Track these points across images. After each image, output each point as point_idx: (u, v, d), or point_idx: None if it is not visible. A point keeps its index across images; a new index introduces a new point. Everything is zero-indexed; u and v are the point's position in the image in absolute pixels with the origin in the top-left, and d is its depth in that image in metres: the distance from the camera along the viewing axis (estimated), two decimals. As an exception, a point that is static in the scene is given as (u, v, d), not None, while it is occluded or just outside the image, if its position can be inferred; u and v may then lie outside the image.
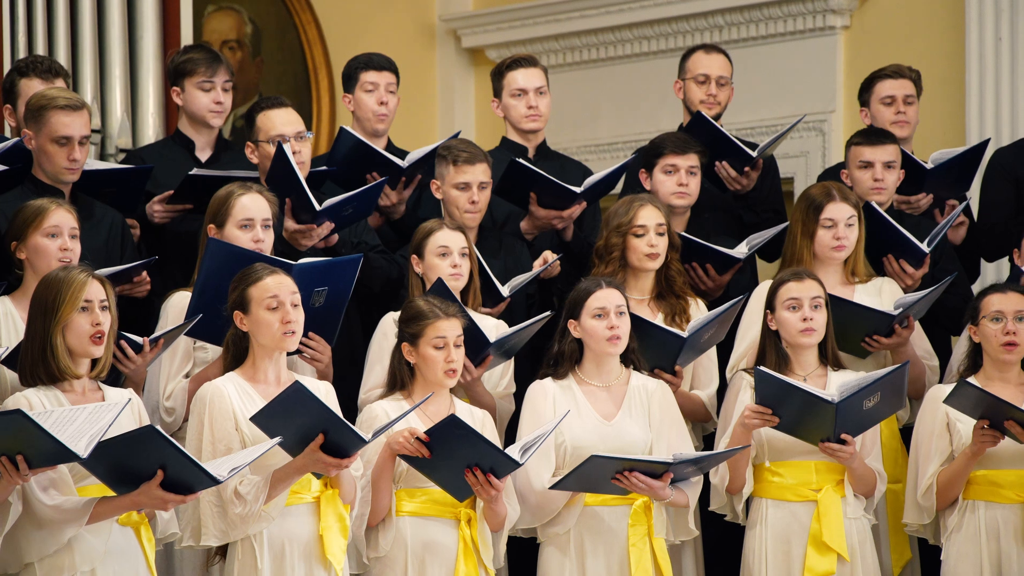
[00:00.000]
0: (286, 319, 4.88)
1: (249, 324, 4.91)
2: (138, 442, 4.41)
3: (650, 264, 5.66)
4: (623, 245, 5.67)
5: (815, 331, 5.33)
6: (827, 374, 5.37)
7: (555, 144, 7.00)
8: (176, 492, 4.48)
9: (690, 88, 6.47)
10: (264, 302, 4.88)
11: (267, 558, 4.82)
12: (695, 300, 5.79)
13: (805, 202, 5.73)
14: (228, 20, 8.36)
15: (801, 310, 5.33)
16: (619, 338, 5.27)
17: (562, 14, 8.40)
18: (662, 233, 5.67)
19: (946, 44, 7.46)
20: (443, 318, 5.09)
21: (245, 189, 5.42)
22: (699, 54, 6.49)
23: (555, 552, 5.25)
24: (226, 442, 4.81)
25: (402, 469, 5.05)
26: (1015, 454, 5.26)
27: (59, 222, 5.18)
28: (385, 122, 6.39)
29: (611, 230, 5.68)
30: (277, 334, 4.88)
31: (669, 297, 5.72)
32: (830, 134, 7.73)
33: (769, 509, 5.31)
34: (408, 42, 8.68)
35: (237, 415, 4.83)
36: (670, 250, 5.72)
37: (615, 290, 5.31)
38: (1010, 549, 5.25)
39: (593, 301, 5.28)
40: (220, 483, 4.52)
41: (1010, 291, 5.36)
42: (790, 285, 5.35)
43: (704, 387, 5.71)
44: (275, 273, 4.93)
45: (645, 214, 5.66)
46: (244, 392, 4.88)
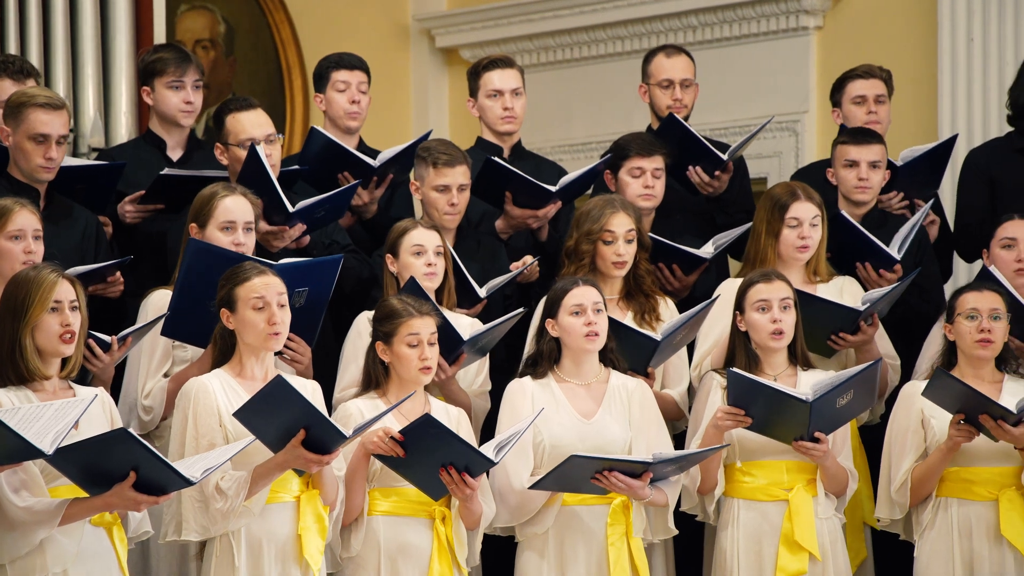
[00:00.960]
0: (272, 320, 4.88)
1: (235, 323, 4.92)
2: (110, 443, 4.40)
3: (617, 272, 5.68)
4: (593, 252, 5.68)
5: (784, 333, 5.34)
6: (797, 373, 5.38)
7: (529, 144, 7.00)
8: (149, 493, 4.47)
9: (655, 93, 6.48)
10: (250, 302, 4.89)
11: (244, 556, 4.82)
12: (664, 299, 5.79)
13: (770, 201, 5.74)
14: (201, 19, 8.35)
15: (771, 311, 5.33)
16: (597, 334, 5.27)
17: (536, 14, 8.40)
18: (631, 240, 5.68)
19: (918, 44, 7.48)
20: (416, 316, 5.09)
21: (229, 191, 5.42)
22: (661, 58, 6.48)
23: (533, 553, 5.25)
24: (209, 438, 4.81)
25: (376, 468, 5.05)
26: (989, 451, 5.28)
27: (23, 225, 5.16)
28: (357, 120, 6.39)
29: (582, 234, 5.68)
30: (262, 334, 4.89)
31: (638, 296, 5.73)
32: (803, 134, 7.75)
33: (741, 509, 5.32)
34: (382, 42, 8.67)
35: (221, 411, 4.83)
36: (639, 250, 5.72)
37: (592, 288, 5.32)
38: (982, 547, 5.27)
39: (570, 299, 5.29)
40: (193, 484, 4.50)
41: (985, 290, 5.37)
42: (759, 287, 5.36)
43: (675, 386, 5.71)
44: (263, 273, 4.94)
45: (616, 221, 5.66)
46: (230, 388, 4.88)
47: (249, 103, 5.89)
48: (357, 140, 6.43)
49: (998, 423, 5.12)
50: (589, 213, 5.70)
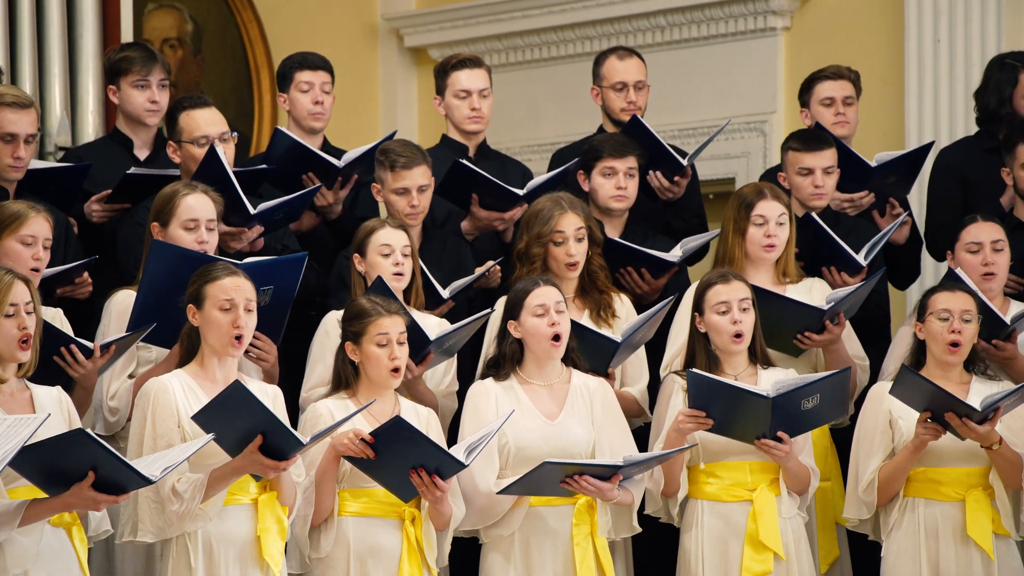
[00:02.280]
0: (236, 323, 4.86)
1: (200, 320, 4.90)
2: (68, 444, 4.38)
3: (570, 273, 5.67)
4: (544, 254, 5.66)
5: (744, 335, 5.34)
6: (757, 372, 5.38)
7: (498, 143, 7.00)
8: (108, 492, 4.45)
9: (608, 96, 6.48)
10: (218, 301, 4.87)
11: (201, 558, 4.80)
12: (618, 295, 5.79)
13: (737, 200, 5.75)
14: (168, 18, 8.32)
15: (731, 313, 5.33)
16: (560, 335, 5.26)
17: (504, 14, 8.40)
18: (581, 239, 5.67)
19: (885, 45, 7.50)
20: (385, 315, 5.08)
21: (191, 189, 5.40)
22: (613, 60, 6.48)
23: (498, 555, 5.25)
24: (167, 438, 4.79)
25: (346, 469, 5.04)
26: (955, 452, 5.29)
27: (36, 231, 5.15)
28: (321, 121, 6.37)
29: (532, 237, 5.67)
30: (225, 337, 4.87)
31: (592, 293, 5.72)
32: (771, 135, 7.76)
33: (705, 511, 5.32)
34: (350, 41, 8.66)
35: (180, 412, 4.82)
36: (592, 246, 5.71)
37: (553, 287, 5.32)
38: (949, 547, 5.28)
39: (533, 299, 5.28)
40: (152, 483, 4.49)
41: (958, 290, 5.38)
42: (718, 288, 5.35)
43: (634, 383, 5.71)
44: (234, 275, 4.92)
45: (565, 221, 5.65)
46: (190, 389, 4.86)
47: (203, 101, 5.87)
48: (321, 140, 6.41)
49: (963, 421, 5.14)
50: (538, 214, 5.68)
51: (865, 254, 5.86)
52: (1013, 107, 6.36)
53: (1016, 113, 6.35)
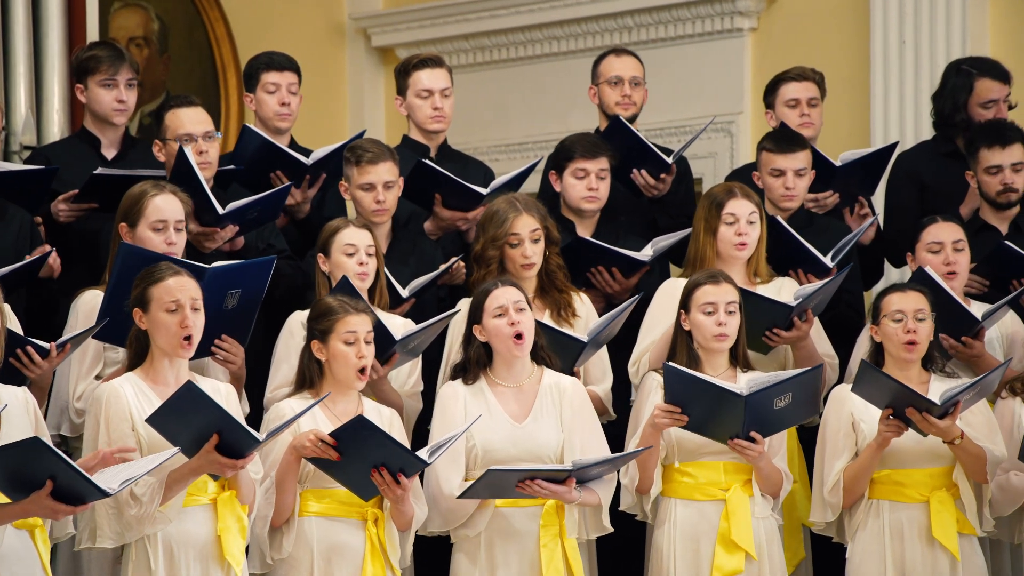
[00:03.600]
0: (184, 323, 4.83)
1: (148, 323, 4.87)
2: (24, 452, 4.34)
3: (526, 274, 5.66)
4: (500, 256, 5.67)
5: (728, 336, 5.36)
6: (737, 375, 5.38)
7: (465, 144, 7.00)
8: (67, 502, 4.41)
9: (604, 92, 6.49)
10: (163, 304, 4.84)
11: (161, 560, 4.79)
12: (577, 294, 5.79)
13: (707, 200, 5.76)
14: (135, 17, 8.29)
15: (716, 314, 5.35)
16: (522, 334, 5.26)
17: (472, 14, 8.40)
18: (537, 240, 5.67)
19: (851, 46, 7.53)
20: (353, 313, 5.07)
21: (159, 189, 5.38)
22: (610, 58, 6.51)
23: (464, 557, 5.25)
24: (122, 443, 4.75)
25: (308, 470, 5.03)
26: (919, 454, 5.32)
27: None
28: (287, 122, 6.36)
29: (487, 240, 5.65)
30: (174, 338, 4.83)
31: (552, 292, 5.72)
32: (738, 135, 7.78)
33: (678, 508, 5.33)
34: (317, 40, 8.64)
35: (134, 416, 4.79)
36: (549, 246, 5.71)
37: (512, 287, 5.30)
38: (913, 549, 5.30)
39: (492, 301, 5.27)
40: (110, 495, 4.45)
41: (910, 290, 5.41)
42: (707, 288, 5.36)
43: (598, 382, 5.71)
44: (178, 275, 4.88)
45: (520, 223, 5.64)
46: (141, 393, 4.83)
47: (189, 100, 5.87)
48: (288, 139, 6.40)
49: (924, 416, 5.17)
50: (493, 217, 5.67)
51: (832, 256, 5.89)
52: (967, 113, 6.41)
53: (970, 119, 6.39)
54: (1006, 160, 6.07)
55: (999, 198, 6.11)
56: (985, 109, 6.38)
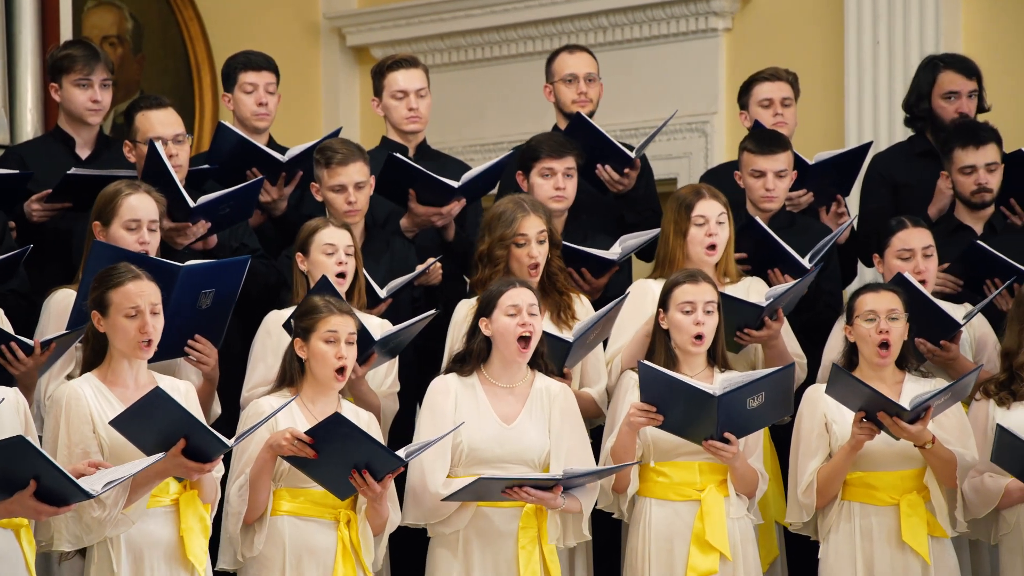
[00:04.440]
0: (143, 328, 4.80)
1: (106, 327, 4.84)
2: (9, 451, 4.33)
3: (532, 274, 5.66)
4: (507, 256, 5.67)
5: (705, 337, 5.36)
6: (714, 375, 5.39)
7: (441, 143, 6.99)
8: (51, 503, 4.39)
9: (560, 90, 6.49)
10: (123, 308, 4.81)
11: (124, 562, 4.77)
12: (578, 296, 5.80)
13: (676, 202, 5.77)
14: (108, 16, 8.26)
15: (695, 314, 5.36)
16: (529, 338, 5.26)
17: (447, 13, 8.40)
18: (543, 241, 5.68)
19: (825, 47, 7.55)
20: (336, 314, 5.07)
21: (133, 188, 5.36)
22: (563, 55, 6.51)
23: (445, 551, 5.25)
24: (83, 445, 4.74)
25: (283, 468, 5.02)
26: (890, 456, 5.33)
27: None
28: (265, 121, 6.35)
29: (494, 239, 5.66)
30: (132, 343, 4.81)
31: (553, 295, 5.73)
32: (713, 135, 7.80)
33: (653, 508, 5.34)
34: (292, 40, 8.63)
35: (94, 417, 4.77)
36: (551, 248, 5.73)
37: (527, 290, 5.32)
38: (884, 551, 5.31)
39: (507, 299, 5.27)
40: (93, 497, 4.43)
41: (883, 290, 5.42)
42: (685, 287, 5.37)
43: (593, 384, 5.72)
44: (138, 279, 4.84)
45: (528, 224, 5.65)
46: (101, 394, 4.81)
47: (159, 102, 5.85)
48: (267, 139, 6.39)
49: (895, 420, 5.18)
50: (500, 217, 5.68)
51: (810, 257, 5.90)
52: (931, 105, 6.43)
53: (933, 111, 6.42)
54: (980, 160, 6.09)
55: (973, 198, 6.13)
56: (947, 101, 6.41)
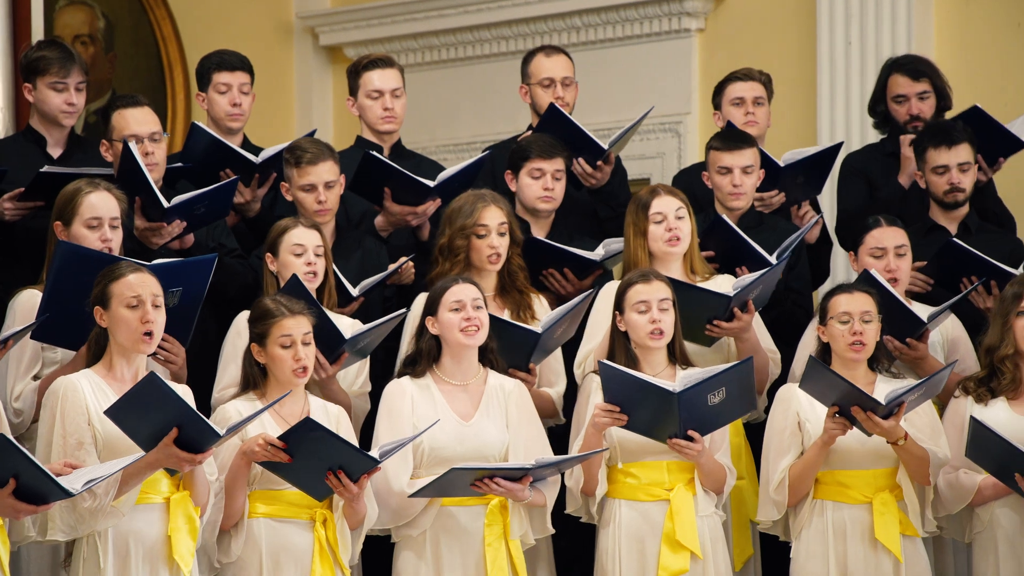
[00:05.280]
0: (145, 318, 4.82)
1: (108, 320, 4.85)
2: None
3: (491, 266, 5.68)
4: (468, 247, 5.68)
5: (664, 333, 5.38)
6: (676, 372, 5.41)
7: (414, 143, 6.99)
8: (30, 502, 4.39)
9: (536, 94, 6.51)
10: (125, 299, 4.83)
11: (111, 558, 4.77)
12: (537, 296, 5.81)
13: (634, 205, 5.79)
14: (80, 14, 8.24)
15: (650, 312, 5.37)
16: (477, 327, 5.28)
17: (420, 13, 8.39)
18: (504, 233, 5.69)
19: (798, 47, 7.57)
20: (288, 316, 5.06)
21: (93, 187, 5.36)
22: (540, 58, 6.52)
23: (411, 555, 5.25)
24: (77, 436, 4.75)
25: (256, 472, 5.02)
26: (862, 455, 5.35)
27: None
28: (239, 122, 6.35)
29: (455, 230, 5.68)
30: (135, 334, 4.82)
31: (512, 292, 5.74)
32: (686, 135, 7.81)
33: (622, 509, 5.35)
34: (265, 39, 8.61)
35: (90, 410, 4.77)
36: (512, 246, 5.74)
37: (471, 284, 5.34)
38: (856, 549, 5.33)
39: (450, 295, 5.30)
40: (73, 495, 4.43)
41: (856, 291, 5.44)
42: (638, 287, 5.39)
43: (552, 385, 5.73)
44: (139, 271, 4.88)
45: (488, 215, 5.67)
46: (99, 389, 4.82)
47: (136, 100, 5.85)
48: (241, 139, 6.39)
49: (868, 415, 5.21)
50: (461, 209, 5.70)
51: (777, 254, 5.92)
52: (886, 106, 6.49)
53: (888, 112, 6.46)
54: (952, 160, 6.12)
55: (946, 198, 6.16)
56: (897, 104, 6.47)
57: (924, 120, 6.40)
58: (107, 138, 5.80)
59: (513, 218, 5.77)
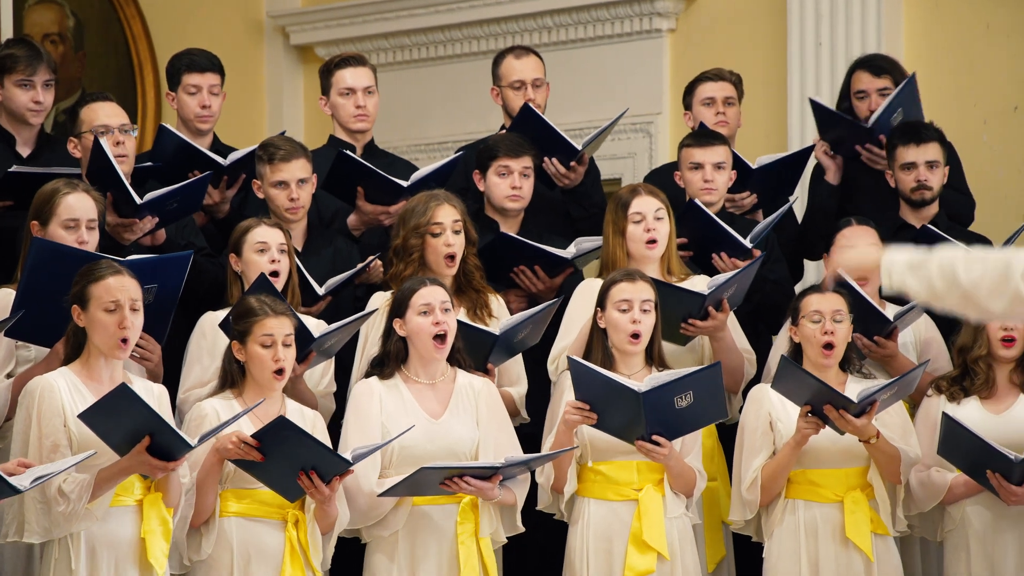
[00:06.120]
0: (123, 324, 4.81)
1: (85, 321, 4.85)
2: None
3: (448, 265, 5.66)
4: (422, 246, 5.67)
5: (641, 336, 5.38)
6: (652, 373, 5.41)
7: (385, 143, 6.98)
8: None
9: (507, 95, 6.51)
10: (103, 303, 4.82)
11: (83, 560, 4.76)
12: (495, 296, 5.80)
13: (614, 202, 5.80)
14: (50, 13, 8.21)
15: (631, 312, 5.37)
16: (444, 336, 5.27)
17: (391, 12, 8.39)
18: (458, 231, 5.68)
19: (769, 48, 7.59)
20: (271, 316, 5.06)
21: (71, 188, 5.34)
22: (511, 59, 6.52)
23: (382, 555, 5.24)
24: (53, 438, 4.75)
25: (229, 470, 5.02)
26: (834, 454, 5.37)
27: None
28: (208, 123, 6.33)
29: (409, 230, 5.67)
30: (111, 339, 4.82)
31: (469, 292, 5.73)
32: (657, 136, 7.82)
33: (591, 507, 5.35)
34: (236, 38, 8.59)
35: (66, 411, 4.77)
36: (467, 245, 5.72)
37: (440, 287, 5.33)
38: (828, 548, 5.35)
39: (418, 298, 5.28)
40: (20, 492, 4.42)
41: (828, 292, 5.47)
42: (622, 285, 5.39)
43: (512, 385, 5.73)
44: (119, 274, 4.87)
45: (442, 213, 5.66)
46: (76, 389, 4.81)
47: (104, 96, 5.86)
48: (211, 139, 6.37)
49: (840, 413, 5.22)
50: (414, 208, 5.68)
51: (751, 238, 5.94)
52: (851, 104, 6.52)
53: (853, 111, 6.49)
54: (920, 157, 6.15)
55: (913, 195, 6.18)
56: (859, 100, 6.50)
57: None
58: (74, 134, 5.78)
59: (467, 216, 5.75)
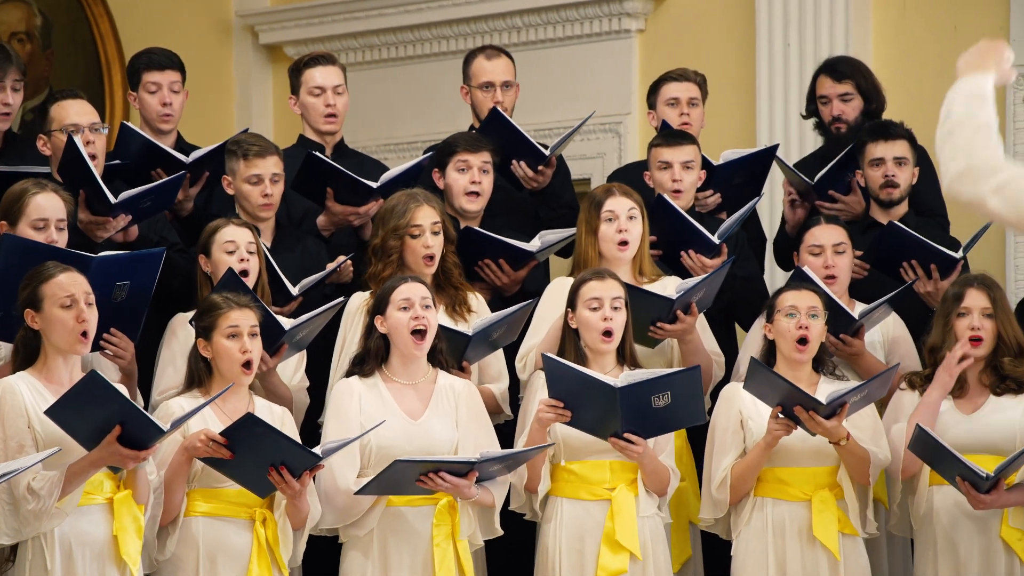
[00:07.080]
0: (81, 317, 4.79)
1: (41, 322, 4.81)
2: None
3: (427, 266, 5.66)
4: (401, 247, 5.67)
5: (613, 334, 5.38)
6: (624, 372, 5.41)
7: (354, 142, 6.98)
8: None
9: (476, 96, 6.51)
10: (58, 300, 4.79)
11: (58, 559, 4.74)
12: (473, 293, 5.81)
13: (587, 201, 5.80)
14: (17, 12, 8.18)
15: (602, 310, 5.38)
16: (424, 331, 5.27)
17: (360, 12, 8.38)
18: (437, 232, 5.68)
19: (737, 49, 7.61)
20: (235, 308, 5.06)
21: (40, 187, 5.32)
22: (481, 60, 6.51)
23: (357, 555, 5.23)
24: (18, 439, 4.72)
25: (197, 469, 5.00)
26: (804, 452, 5.38)
27: None
28: (170, 122, 6.31)
29: (388, 231, 5.66)
30: (72, 334, 4.79)
31: (447, 289, 5.74)
32: (626, 136, 7.84)
33: (564, 507, 5.35)
34: (204, 37, 8.57)
35: (30, 412, 4.74)
36: (446, 244, 5.73)
37: (420, 284, 5.33)
38: (795, 547, 5.36)
39: (398, 295, 5.28)
40: None
41: (804, 288, 5.48)
42: (592, 284, 5.40)
43: (493, 382, 5.73)
44: (68, 271, 4.84)
45: (421, 214, 5.66)
46: (36, 391, 4.79)
47: (74, 93, 5.84)
48: (174, 137, 6.35)
49: (811, 415, 5.23)
50: (393, 209, 5.68)
51: (719, 234, 5.95)
52: (816, 108, 6.55)
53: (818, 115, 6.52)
54: (888, 153, 6.16)
55: (881, 193, 6.19)
56: (822, 104, 6.52)
57: (847, 122, 6.44)
58: (44, 132, 5.75)
59: (446, 216, 5.76)
